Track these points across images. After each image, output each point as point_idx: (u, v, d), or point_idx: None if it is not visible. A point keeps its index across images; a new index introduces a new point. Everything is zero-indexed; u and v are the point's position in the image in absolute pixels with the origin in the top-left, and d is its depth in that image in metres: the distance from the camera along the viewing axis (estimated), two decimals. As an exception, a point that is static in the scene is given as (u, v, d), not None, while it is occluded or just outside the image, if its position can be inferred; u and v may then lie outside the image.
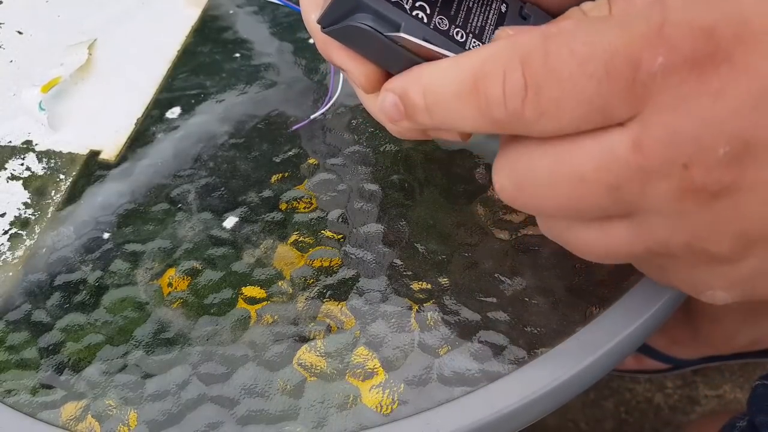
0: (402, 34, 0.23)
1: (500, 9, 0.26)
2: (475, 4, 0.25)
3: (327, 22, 0.25)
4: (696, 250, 0.21)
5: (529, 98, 0.20)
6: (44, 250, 0.36)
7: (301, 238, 0.35)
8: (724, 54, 0.18)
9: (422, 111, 0.23)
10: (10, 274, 0.35)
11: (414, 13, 0.24)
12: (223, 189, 0.37)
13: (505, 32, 0.22)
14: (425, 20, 0.24)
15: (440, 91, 0.22)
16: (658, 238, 0.22)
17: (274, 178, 0.37)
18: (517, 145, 0.23)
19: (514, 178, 0.23)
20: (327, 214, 0.35)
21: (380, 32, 0.24)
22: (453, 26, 0.25)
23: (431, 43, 0.24)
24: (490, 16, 0.26)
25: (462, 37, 0.25)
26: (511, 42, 0.21)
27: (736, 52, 0.18)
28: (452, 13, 0.25)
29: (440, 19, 0.24)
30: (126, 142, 0.40)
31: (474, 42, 0.25)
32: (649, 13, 0.19)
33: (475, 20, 0.25)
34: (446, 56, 0.24)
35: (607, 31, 0.19)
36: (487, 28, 0.25)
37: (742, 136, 0.19)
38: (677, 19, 0.19)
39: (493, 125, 0.22)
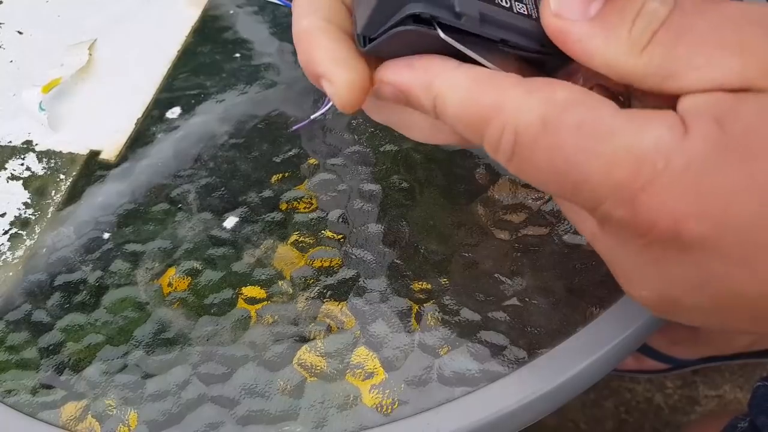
0: (458, 46, 0.22)
1: None
2: None
3: (372, 29, 0.22)
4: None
5: (513, 162, 0.22)
6: (44, 250, 0.36)
7: (301, 238, 0.35)
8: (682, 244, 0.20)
9: (430, 111, 0.23)
10: (10, 274, 0.35)
11: None
12: (223, 189, 0.37)
13: (566, 26, 0.22)
14: None
15: (449, 110, 0.23)
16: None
17: (274, 178, 0.37)
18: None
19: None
20: (327, 214, 0.35)
21: (438, 29, 0.21)
22: None
23: (476, 53, 0.22)
24: None
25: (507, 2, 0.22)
26: (517, 105, 0.21)
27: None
28: None
29: None
30: (126, 142, 0.40)
31: (519, 5, 0.23)
32: (641, 155, 0.19)
33: None
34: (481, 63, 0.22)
35: (593, 158, 0.20)
36: None
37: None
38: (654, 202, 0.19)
39: (487, 150, 0.23)
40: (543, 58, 0.24)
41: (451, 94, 0.22)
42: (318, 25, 0.24)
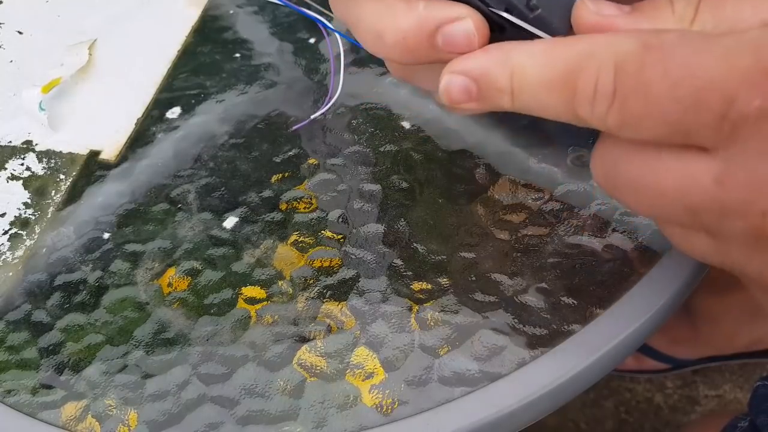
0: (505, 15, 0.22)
1: None
2: None
3: None
4: None
5: (615, 106, 0.20)
6: (44, 250, 0.36)
7: (301, 238, 0.35)
8: None
9: (506, 94, 0.23)
10: (10, 274, 0.35)
11: None
12: (223, 189, 0.37)
13: (608, 20, 0.22)
14: None
15: (530, 77, 0.22)
16: (734, 260, 0.22)
17: (274, 178, 0.37)
18: (610, 140, 0.23)
19: (605, 171, 0.23)
20: (327, 214, 0.35)
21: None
22: None
23: (532, 24, 0.22)
24: None
25: None
26: (610, 41, 0.20)
27: None
28: None
29: None
30: (126, 142, 0.40)
31: None
32: (758, 44, 0.18)
33: None
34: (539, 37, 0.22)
35: (708, 55, 0.19)
36: None
37: None
38: None
39: (575, 120, 0.22)
40: None
41: (531, 60, 0.22)
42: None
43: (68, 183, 0.39)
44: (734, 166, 0.19)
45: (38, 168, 0.39)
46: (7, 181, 0.39)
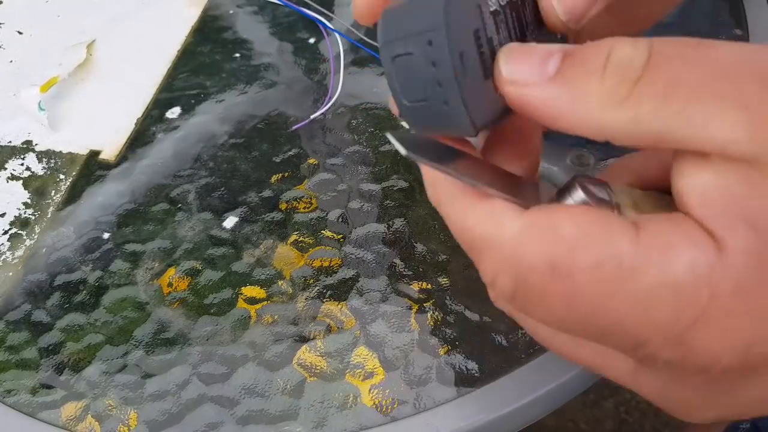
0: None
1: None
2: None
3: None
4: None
5: (515, 305, 0.20)
6: (44, 250, 0.36)
7: (301, 238, 0.35)
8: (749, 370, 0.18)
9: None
10: (10, 274, 0.35)
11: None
12: (223, 189, 0.37)
13: (522, 92, 0.19)
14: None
15: (445, 217, 0.22)
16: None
17: (274, 178, 0.37)
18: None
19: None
20: (327, 214, 0.35)
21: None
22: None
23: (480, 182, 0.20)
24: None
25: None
26: (520, 242, 0.19)
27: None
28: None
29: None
30: (126, 142, 0.40)
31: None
32: (695, 289, 0.17)
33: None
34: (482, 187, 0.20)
35: (622, 300, 0.17)
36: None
37: None
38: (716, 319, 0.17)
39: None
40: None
41: (444, 207, 0.21)
42: None
43: (68, 183, 0.39)
44: (646, 378, 0.20)
45: (38, 168, 0.39)
46: (7, 181, 0.39)
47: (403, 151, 0.18)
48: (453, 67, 0.19)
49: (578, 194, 0.19)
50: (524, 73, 0.19)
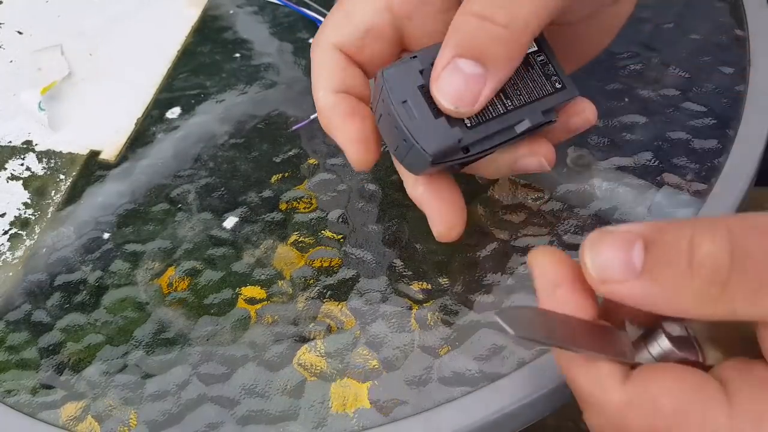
0: None
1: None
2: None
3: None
4: None
5: None
6: (44, 250, 0.36)
7: (301, 238, 0.35)
8: None
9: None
10: (10, 274, 0.35)
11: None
12: (223, 189, 0.37)
13: (613, 289, 0.22)
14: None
15: (563, 368, 0.24)
16: None
17: (274, 178, 0.37)
18: None
19: None
20: (327, 214, 0.35)
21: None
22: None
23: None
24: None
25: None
26: (624, 412, 0.21)
27: None
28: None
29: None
30: (126, 142, 0.40)
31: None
32: None
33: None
34: None
35: None
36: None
37: None
38: None
39: None
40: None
41: (565, 371, 0.24)
42: (330, 103, 0.28)
43: (68, 183, 0.39)
44: None
45: (38, 168, 0.39)
46: (7, 181, 0.39)
47: (512, 332, 0.22)
48: (397, 113, 0.26)
49: (664, 343, 0.23)
50: (612, 271, 0.21)
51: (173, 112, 0.41)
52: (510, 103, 0.27)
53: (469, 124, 0.27)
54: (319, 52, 0.29)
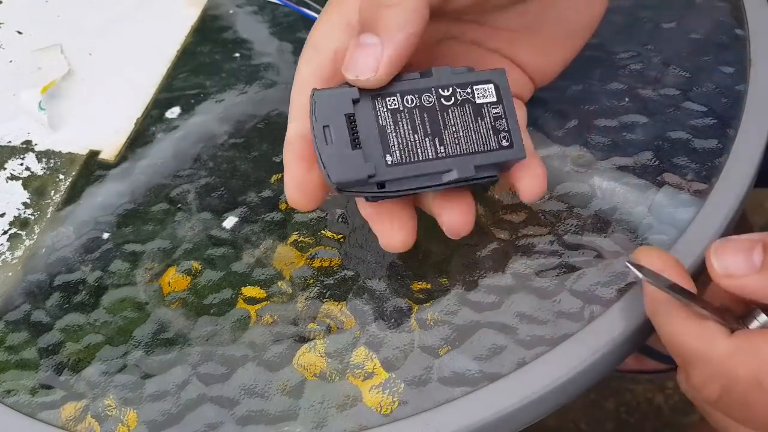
0: None
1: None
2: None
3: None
4: None
5: (717, 405, 0.27)
6: (44, 250, 0.36)
7: (300, 238, 0.35)
8: None
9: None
10: (10, 274, 0.35)
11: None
12: (222, 189, 0.37)
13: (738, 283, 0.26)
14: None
15: (662, 327, 0.28)
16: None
17: (273, 177, 0.37)
18: None
19: None
20: (327, 214, 0.35)
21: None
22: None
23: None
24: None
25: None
26: (730, 357, 0.25)
27: None
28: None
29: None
30: (125, 142, 0.40)
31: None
32: None
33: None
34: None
35: None
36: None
37: None
38: None
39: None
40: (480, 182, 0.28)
41: (660, 317, 0.28)
42: (290, 139, 0.28)
43: (68, 183, 0.38)
44: None
45: (38, 168, 0.39)
46: (7, 181, 0.39)
47: (642, 276, 0.27)
48: (315, 136, 0.27)
49: (762, 317, 0.26)
50: (736, 267, 0.26)
51: (173, 112, 0.41)
52: (443, 150, 0.27)
53: (389, 161, 0.27)
54: (295, 89, 0.29)
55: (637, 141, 0.36)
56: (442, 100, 0.28)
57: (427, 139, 0.27)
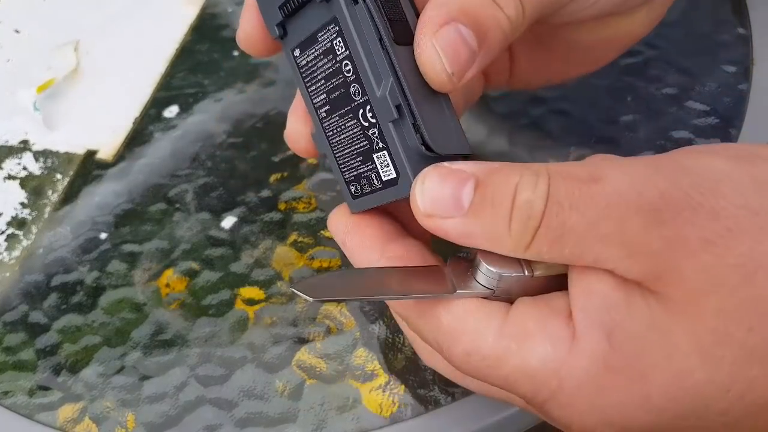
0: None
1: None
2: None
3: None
4: None
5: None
6: (41, 250, 0.36)
7: (300, 239, 0.34)
8: None
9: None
10: (7, 274, 0.35)
11: None
12: (221, 189, 0.37)
13: (437, 224, 0.22)
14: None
15: None
16: None
17: (272, 177, 0.37)
18: None
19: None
20: (326, 214, 0.35)
21: None
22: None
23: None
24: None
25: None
26: (415, 328, 0.23)
27: None
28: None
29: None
30: (123, 142, 0.40)
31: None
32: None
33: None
34: None
35: (499, 365, 0.21)
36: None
37: None
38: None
39: None
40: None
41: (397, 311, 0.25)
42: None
43: (65, 183, 0.38)
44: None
45: (35, 167, 0.39)
46: (4, 181, 0.39)
47: (310, 299, 0.21)
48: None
49: (484, 267, 0.22)
50: (440, 205, 0.21)
51: (171, 111, 0.41)
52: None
53: None
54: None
55: (639, 140, 0.36)
56: None
57: None
